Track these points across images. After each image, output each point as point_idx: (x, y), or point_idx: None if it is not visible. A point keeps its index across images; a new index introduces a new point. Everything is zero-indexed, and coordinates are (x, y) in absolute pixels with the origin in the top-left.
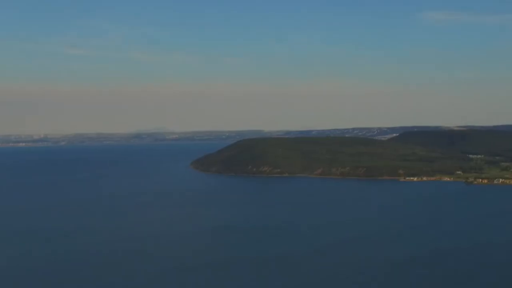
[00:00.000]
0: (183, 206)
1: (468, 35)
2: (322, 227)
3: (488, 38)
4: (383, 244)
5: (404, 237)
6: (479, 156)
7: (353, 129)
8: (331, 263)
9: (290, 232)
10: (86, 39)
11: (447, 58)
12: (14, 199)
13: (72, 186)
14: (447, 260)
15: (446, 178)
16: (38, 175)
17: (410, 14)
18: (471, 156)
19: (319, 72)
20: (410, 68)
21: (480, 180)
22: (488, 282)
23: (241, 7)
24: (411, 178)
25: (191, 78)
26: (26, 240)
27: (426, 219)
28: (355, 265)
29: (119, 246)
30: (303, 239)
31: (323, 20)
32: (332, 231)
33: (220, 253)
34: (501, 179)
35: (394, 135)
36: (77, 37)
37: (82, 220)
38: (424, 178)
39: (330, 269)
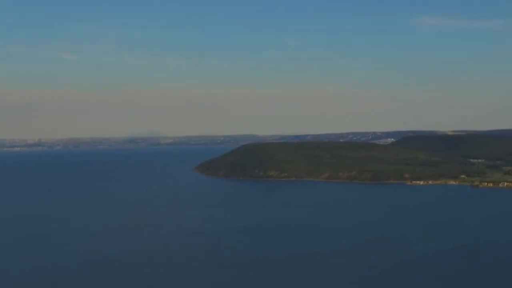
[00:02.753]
0: (203, 207)
1: (463, 39)
2: (339, 228)
3: (484, 42)
4: (400, 244)
5: (424, 237)
6: (480, 160)
7: (348, 133)
8: (342, 264)
9: (311, 233)
10: (79, 43)
11: (442, 62)
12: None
13: (86, 189)
14: (483, 255)
15: (451, 182)
16: (65, 178)
17: (405, 18)
18: (472, 160)
19: (313, 77)
20: (405, 73)
21: (485, 183)
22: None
23: (235, 11)
24: (417, 181)
25: (185, 82)
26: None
27: (441, 220)
28: (366, 265)
29: (148, 245)
30: (321, 240)
31: (316, 24)
32: (350, 232)
33: (239, 254)
34: (506, 183)
35: (389, 139)
36: (71, 42)
37: (105, 222)
38: (430, 182)
39: (338, 270)
